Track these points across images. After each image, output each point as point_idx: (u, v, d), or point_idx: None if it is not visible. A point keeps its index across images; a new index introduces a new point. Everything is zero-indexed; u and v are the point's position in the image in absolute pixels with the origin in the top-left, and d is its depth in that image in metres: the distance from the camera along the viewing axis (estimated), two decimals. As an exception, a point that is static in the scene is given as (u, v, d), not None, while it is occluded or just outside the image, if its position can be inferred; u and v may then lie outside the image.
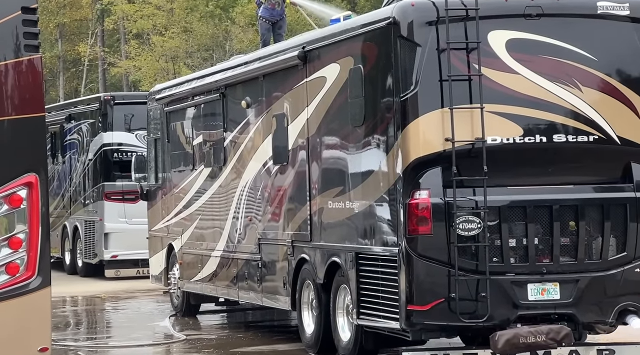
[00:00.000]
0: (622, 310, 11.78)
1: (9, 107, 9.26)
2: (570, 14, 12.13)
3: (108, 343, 16.10)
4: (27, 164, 9.31)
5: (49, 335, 9.55)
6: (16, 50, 9.33)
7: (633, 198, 11.90)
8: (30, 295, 9.28)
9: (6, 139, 9.22)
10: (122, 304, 21.00)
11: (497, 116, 11.72)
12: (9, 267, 9.21)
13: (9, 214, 9.23)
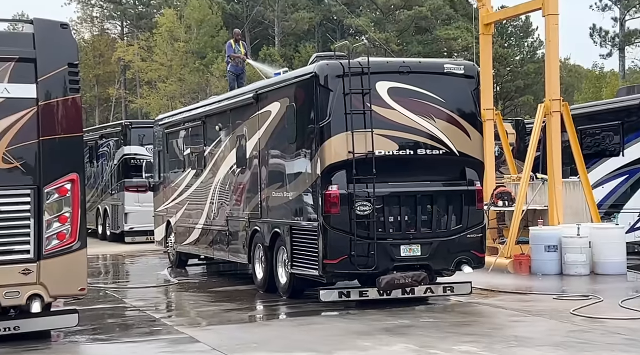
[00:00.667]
0: (458, 261, 11.96)
1: (59, 129, 9.30)
2: (428, 72, 12.26)
3: (126, 285, 16.03)
4: (71, 166, 9.35)
5: (86, 280, 9.58)
6: (64, 91, 9.36)
7: (466, 190, 12.06)
8: (73, 254, 9.31)
9: (58, 150, 9.25)
10: (136, 259, 20.91)
11: (382, 137, 11.76)
12: (59, 235, 9.24)
13: (59, 200, 9.27)
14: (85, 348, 9.72)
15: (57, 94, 9.30)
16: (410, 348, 8.85)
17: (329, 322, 10.87)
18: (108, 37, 63.52)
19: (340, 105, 11.63)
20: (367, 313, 11.30)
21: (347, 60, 11.84)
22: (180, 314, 12.58)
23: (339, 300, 11.84)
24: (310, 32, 56.48)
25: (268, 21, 56.36)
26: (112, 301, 13.57)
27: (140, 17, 62.23)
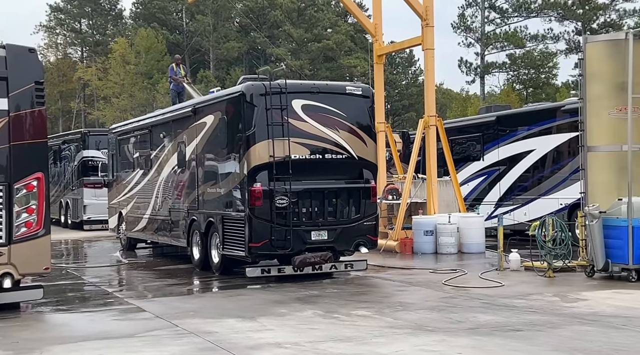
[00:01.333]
0: (357, 243, 12.01)
1: (27, 135, 9.00)
2: (334, 92, 12.23)
3: (84, 265, 15.53)
4: (37, 167, 9.05)
5: (49, 261, 9.26)
6: (32, 104, 9.04)
7: (363, 187, 12.11)
8: (39, 239, 9.02)
9: (26, 153, 8.94)
10: (93, 244, 20.25)
11: (297, 144, 11.71)
12: (27, 223, 8.94)
13: (27, 195, 8.96)
14: (49, 317, 9.38)
15: (26, 107, 9.00)
16: (318, 313, 8.88)
17: (253, 294, 10.80)
18: (70, 60, 61.55)
19: (263, 118, 11.55)
20: (284, 286, 11.28)
21: (269, 82, 11.79)
22: (129, 288, 12.27)
23: (261, 276, 11.78)
24: (239, 58, 56.00)
25: (204, 49, 55.61)
26: (72, 278, 13.13)
27: (97, 44, 60.61)
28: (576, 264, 11.94)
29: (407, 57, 58.27)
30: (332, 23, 55.10)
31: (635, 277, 10.69)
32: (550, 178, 16.99)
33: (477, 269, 12.50)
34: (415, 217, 16.05)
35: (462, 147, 20.00)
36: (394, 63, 58.18)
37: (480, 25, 49.45)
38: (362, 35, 52.99)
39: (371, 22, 18.19)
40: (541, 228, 11.87)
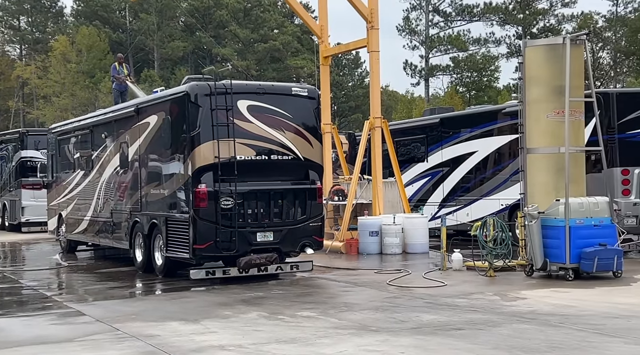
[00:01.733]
0: (302, 244, 12.04)
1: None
2: (279, 93, 12.23)
3: (22, 268, 15.07)
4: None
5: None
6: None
7: (309, 188, 12.15)
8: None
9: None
10: (32, 246, 19.69)
11: (242, 145, 11.64)
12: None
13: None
14: (-16, 323, 9.06)
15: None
16: (263, 315, 8.84)
17: (197, 296, 10.68)
18: (8, 58, 59.65)
19: (208, 118, 11.44)
20: (229, 288, 11.20)
21: (214, 82, 11.69)
22: (69, 292, 11.98)
23: (206, 278, 11.67)
24: (185, 58, 55.30)
25: (148, 48, 54.71)
26: (9, 282, 12.73)
27: (37, 42, 58.85)
28: (516, 264, 12.23)
29: (353, 58, 58.68)
30: (278, 24, 55.01)
31: (572, 276, 11.01)
32: (491, 179, 17.35)
33: (420, 269, 12.65)
34: (361, 218, 16.16)
35: (407, 149, 20.24)
36: (341, 64, 58.49)
37: (424, 29, 50.22)
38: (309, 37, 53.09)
39: (317, 24, 18.24)
40: (483, 228, 12.11)
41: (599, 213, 11.17)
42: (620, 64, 47.15)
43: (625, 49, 45.63)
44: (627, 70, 47.08)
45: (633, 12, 46.24)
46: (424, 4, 50.10)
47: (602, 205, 11.27)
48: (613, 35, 46.20)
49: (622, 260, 11.11)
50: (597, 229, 11.10)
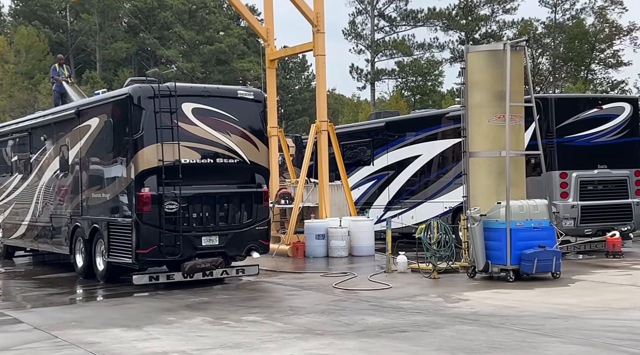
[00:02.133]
0: (248, 248, 11.99)
1: None
2: (225, 96, 12.15)
3: (-43, 276, 14.55)
4: None
5: None
6: None
7: (255, 191, 12.11)
8: None
9: None
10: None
11: (187, 148, 11.54)
12: None
13: None
14: None
15: None
16: (207, 320, 8.75)
17: (140, 302, 10.50)
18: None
19: (152, 121, 11.29)
20: (173, 293, 11.05)
21: (157, 84, 11.53)
22: (6, 299, 11.57)
23: (149, 283, 11.51)
24: (128, 59, 54.33)
25: (90, 49, 53.52)
26: (-58, 291, 12.25)
27: (-28, 40, 56.79)
28: (459, 265, 12.45)
29: (300, 62, 58.78)
30: (224, 26, 54.64)
31: (513, 277, 11.27)
32: (435, 182, 17.63)
33: (366, 272, 12.75)
34: (307, 221, 16.19)
35: (353, 152, 20.38)
36: (287, 68, 58.52)
37: (370, 33, 50.71)
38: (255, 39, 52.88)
39: (263, 27, 18.20)
40: (427, 231, 12.29)
41: (539, 215, 11.47)
42: (559, 69, 48.58)
43: (564, 55, 47.05)
44: (565, 76, 48.53)
45: (571, 19, 47.73)
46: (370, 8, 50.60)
47: (542, 208, 11.58)
48: (552, 41, 47.58)
49: (560, 261, 11.43)
50: (536, 231, 11.40)
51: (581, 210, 14.41)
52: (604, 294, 10.00)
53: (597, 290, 10.32)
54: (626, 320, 8.10)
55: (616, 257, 13.75)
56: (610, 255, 13.86)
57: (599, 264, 13.21)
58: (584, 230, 14.63)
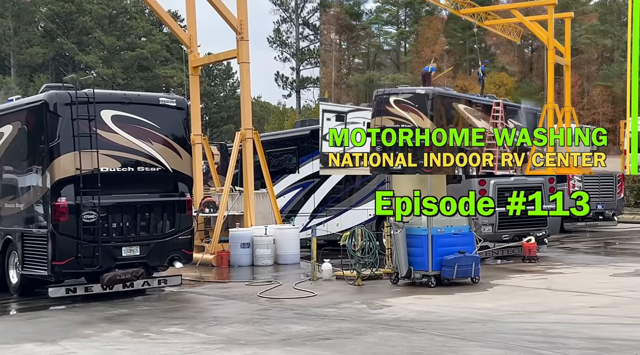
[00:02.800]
0: (171, 258, 11.78)
1: None
2: (146, 103, 11.93)
3: None
4: None
5: None
6: None
7: (178, 200, 11.91)
8: None
9: None
10: None
11: (106, 156, 11.25)
12: None
13: None
14: None
15: None
16: (127, 333, 8.54)
17: (56, 315, 10.15)
18: None
19: (69, 128, 10.97)
20: (92, 305, 10.73)
21: (75, 91, 11.21)
22: None
23: (66, 295, 11.13)
24: (45, 65, 52.50)
25: (4, 54, 51.48)
26: None
27: None
28: (383, 272, 12.63)
29: (225, 69, 58.40)
30: (146, 32, 53.64)
31: (434, 283, 11.53)
32: (360, 190, 17.84)
33: (291, 280, 12.76)
34: (232, 230, 16.07)
35: (279, 160, 20.38)
36: (212, 75, 58.01)
37: (295, 41, 50.98)
38: (179, 46, 52.15)
39: (186, 34, 18.00)
40: (351, 238, 12.41)
41: (458, 222, 11.79)
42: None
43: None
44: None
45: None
46: (294, 17, 50.88)
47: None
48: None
49: (479, 266, 11.77)
50: (456, 237, 11.71)
51: (499, 217, 14.89)
52: (520, 298, 10.35)
53: (514, 295, 10.67)
54: (541, 323, 8.41)
55: (532, 261, 14.26)
56: (527, 260, 14.36)
57: (515, 268, 13.67)
58: (502, 236, 15.13)
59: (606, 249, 17.89)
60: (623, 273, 12.63)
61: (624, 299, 9.83)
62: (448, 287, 11.40)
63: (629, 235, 20.87)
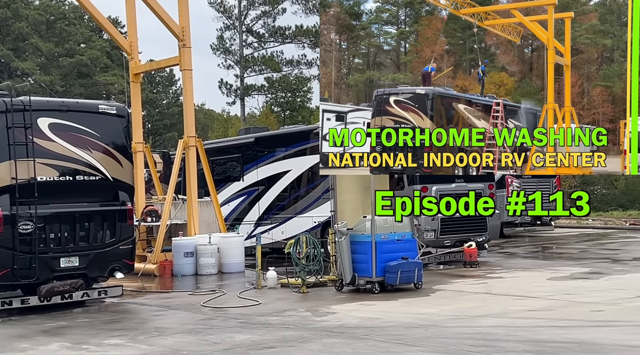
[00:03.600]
0: (112, 269, 11.58)
1: None
2: (85, 111, 11.70)
3: None
4: None
5: None
6: None
7: (119, 209, 11.71)
8: None
9: None
10: None
11: (44, 165, 10.98)
12: None
13: None
14: None
15: None
16: (65, 346, 8.33)
17: (-9, 330, 9.80)
18: None
19: (3, 137, 10.66)
20: (29, 318, 10.42)
21: (10, 98, 10.90)
22: None
23: (1, 308, 10.76)
24: (-21, 71, 50.89)
25: None
26: None
27: None
28: (327, 279, 12.68)
29: (167, 76, 57.69)
30: (85, 38, 52.53)
31: (378, 289, 11.64)
32: (305, 197, 17.89)
33: (236, 289, 12.69)
34: (175, 239, 15.88)
35: (223, 168, 20.27)
36: (154, 82, 57.24)
37: (238, 48, 50.76)
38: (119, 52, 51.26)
39: (126, 40, 17.73)
40: (296, 245, 12.42)
41: (401, 228, 11.94)
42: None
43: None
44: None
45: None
46: (238, 24, 50.69)
47: (404, 221, 12.04)
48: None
49: (422, 272, 11.95)
50: (399, 243, 11.86)
51: (441, 223, 15.16)
52: (462, 302, 10.55)
53: (455, 299, 10.87)
54: (481, 327, 8.59)
55: (473, 266, 14.57)
56: (468, 265, 14.66)
57: (457, 273, 13.93)
58: (444, 241, 15.41)
59: (544, 253, 18.41)
60: (559, 277, 13.02)
61: (560, 302, 10.12)
62: (392, 293, 11.53)
63: (566, 239, 21.54)
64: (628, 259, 15.60)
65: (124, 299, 12.02)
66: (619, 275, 12.96)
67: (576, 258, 16.24)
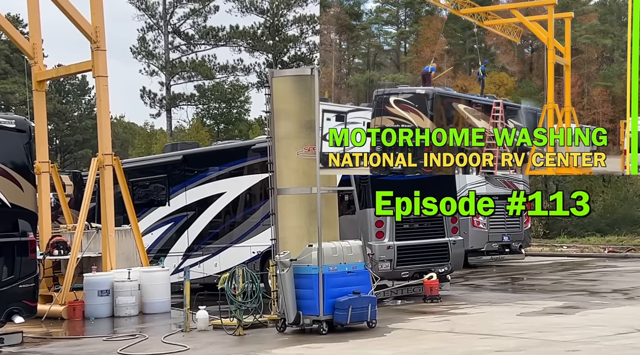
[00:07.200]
0: (9, 312, 11.34)
1: None
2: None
3: None
4: None
5: None
6: None
7: (18, 241, 11.51)
8: None
9: None
10: None
11: None
12: None
13: None
14: None
15: None
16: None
17: None
18: None
19: None
20: None
21: None
22: None
23: None
24: None
25: None
26: None
27: None
28: (268, 318, 12.59)
29: (79, 84, 56.90)
30: (-18, 39, 51.48)
31: (326, 329, 11.60)
32: (242, 224, 17.81)
33: (160, 332, 12.51)
34: (88, 275, 15.57)
35: (145, 191, 20.08)
36: (64, 90, 56.36)
37: (164, 52, 50.39)
38: (21, 56, 50.33)
39: (28, 42, 17.40)
40: (231, 280, 12.30)
41: (353, 258, 11.97)
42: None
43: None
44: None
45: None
46: (162, 24, 50.37)
47: (356, 250, 12.09)
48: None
49: (376, 308, 11.98)
50: (351, 275, 11.87)
51: (397, 251, 15.28)
52: (421, 343, 10.60)
53: (414, 339, 10.92)
54: (444, 369, 8.64)
55: (434, 301, 14.70)
56: (428, 299, 14.78)
57: (416, 309, 14.04)
58: (401, 272, 15.52)
59: (513, 285, 18.74)
60: (531, 312, 13.25)
61: (531, 341, 10.27)
62: (342, 333, 11.52)
63: (538, 269, 21.99)
64: (607, 291, 16.00)
65: (24, 348, 11.69)
66: (596, 310, 13.25)
67: (549, 290, 16.56)
